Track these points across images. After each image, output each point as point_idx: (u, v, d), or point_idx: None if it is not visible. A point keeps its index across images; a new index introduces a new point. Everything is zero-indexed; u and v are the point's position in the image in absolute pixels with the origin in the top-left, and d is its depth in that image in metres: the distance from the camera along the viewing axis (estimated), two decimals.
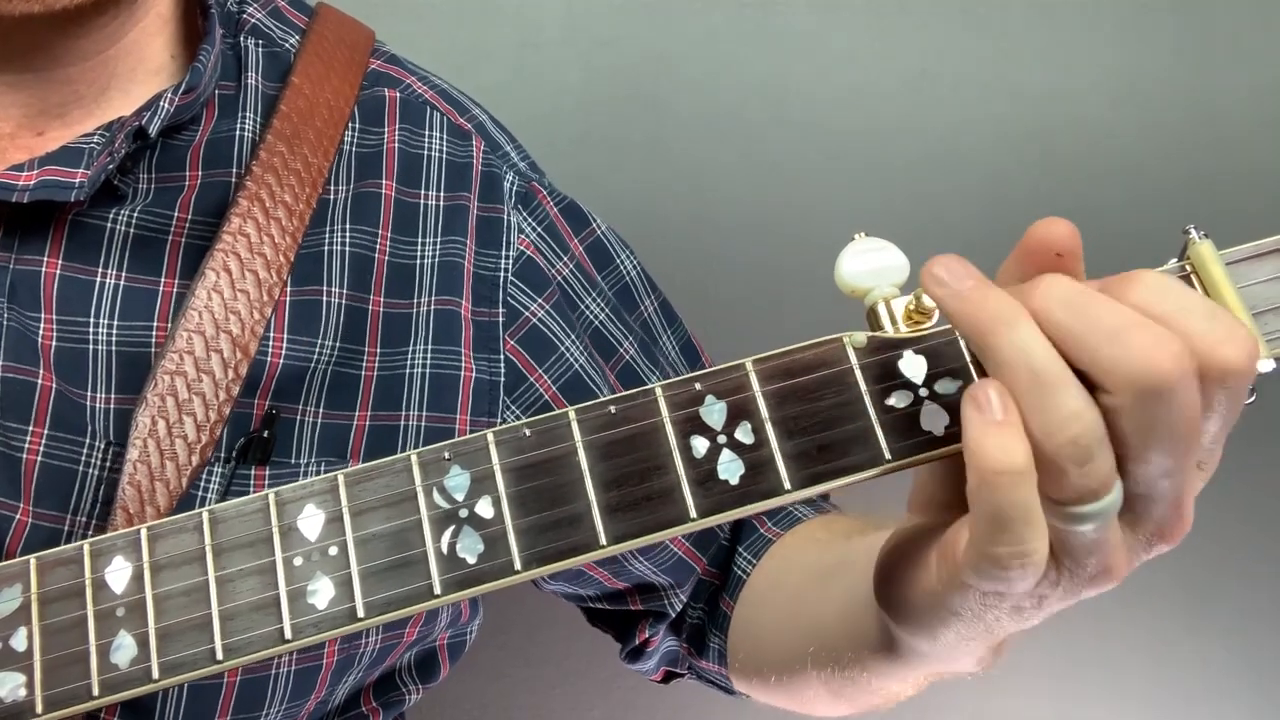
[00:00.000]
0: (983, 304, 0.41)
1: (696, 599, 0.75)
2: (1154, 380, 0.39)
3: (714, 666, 0.75)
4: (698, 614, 0.75)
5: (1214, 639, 1.14)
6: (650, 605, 0.75)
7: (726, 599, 0.73)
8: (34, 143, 0.62)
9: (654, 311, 0.76)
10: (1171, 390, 0.39)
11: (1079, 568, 0.43)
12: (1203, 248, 0.45)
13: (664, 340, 0.76)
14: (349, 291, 0.64)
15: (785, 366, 0.45)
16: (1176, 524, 0.43)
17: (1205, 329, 0.40)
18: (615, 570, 0.72)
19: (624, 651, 0.78)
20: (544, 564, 0.44)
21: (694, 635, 0.76)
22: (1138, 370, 0.39)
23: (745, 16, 1.08)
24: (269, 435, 0.60)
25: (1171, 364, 0.38)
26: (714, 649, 0.74)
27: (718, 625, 0.74)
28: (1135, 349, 0.39)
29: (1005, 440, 0.40)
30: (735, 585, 0.73)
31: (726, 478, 0.44)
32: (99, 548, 0.45)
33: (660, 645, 0.76)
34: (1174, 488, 0.41)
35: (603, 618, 0.79)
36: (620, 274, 0.75)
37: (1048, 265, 0.43)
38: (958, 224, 1.08)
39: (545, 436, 0.45)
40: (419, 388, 0.65)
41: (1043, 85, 1.09)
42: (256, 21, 0.69)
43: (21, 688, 0.44)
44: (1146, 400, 0.39)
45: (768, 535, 0.73)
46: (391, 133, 0.68)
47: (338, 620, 0.44)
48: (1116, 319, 0.39)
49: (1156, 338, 0.39)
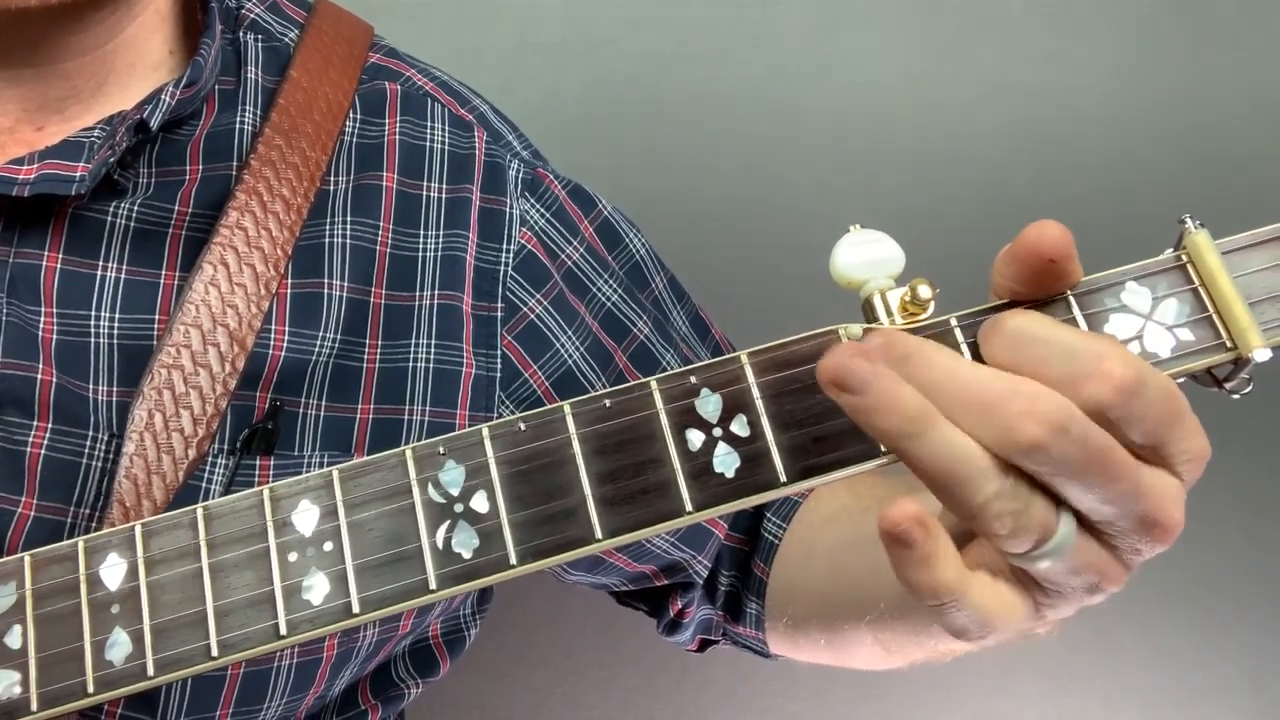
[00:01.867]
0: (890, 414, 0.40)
1: (728, 566, 0.75)
2: (1026, 448, 0.40)
3: (750, 631, 0.75)
4: (730, 580, 0.75)
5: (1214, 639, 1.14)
6: (676, 579, 0.75)
7: (759, 563, 0.73)
8: (33, 137, 0.62)
9: (664, 288, 0.76)
10: (1048, 451, 0.40)
11: (1066, 588, 0.43)
12: (1198, 237, 0.44)
13: (675, 315, 0.76)
14: (350, 284, 0.64)
15: (781, 359, 0.45)
16: (1156, 530, 0.42)
17: (1065, 372, 0.40)
18: (635, 553, 0.72)
19: (660, 625, 0.78)
20: (539, 558, 0.44)
21: (729, 601, 0.76)
22: (1009, 443, 0.40)
23: (745, 16, 1.08)
24: (273, 426, 0.60)
25: (1040, 431, 0.39)
26: (751, 614, 0.74)
27: (753, 590, 0.74)
28: (1000, 424, 0.40)
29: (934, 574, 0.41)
30: (767, 550, 0.73)
31: (722, 471, 0.44)
32: (93, 544, 0.45)
33: (695, 615, 0.77)
34: (1126, 505, 0.41)
35: (633, 595, 0.79)
36: (630, 253, 0.75)
37: (1038, 269, 0.43)
38: (956, 215, 1.08)
39: (540, 430, 0.45)
40: (422, 382, 0.65)
41: (1042, 85, 1.09)
42: (255, 16, 0.69)
43: (16, 685, 0.44)
44: (1033, 462, 0.40)
45: (795, 498, 0.73)
46: (393, 125, 0.68)
47: (333, 616, 0.44)
48: (984, 394, 0.40)
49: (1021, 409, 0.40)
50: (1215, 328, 0.44)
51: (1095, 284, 0.45)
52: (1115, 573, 0.43)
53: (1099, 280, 0.45)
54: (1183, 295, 0.45)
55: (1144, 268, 0.45)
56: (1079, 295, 0.45)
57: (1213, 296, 0.44)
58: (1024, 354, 0.41)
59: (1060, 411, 0.40)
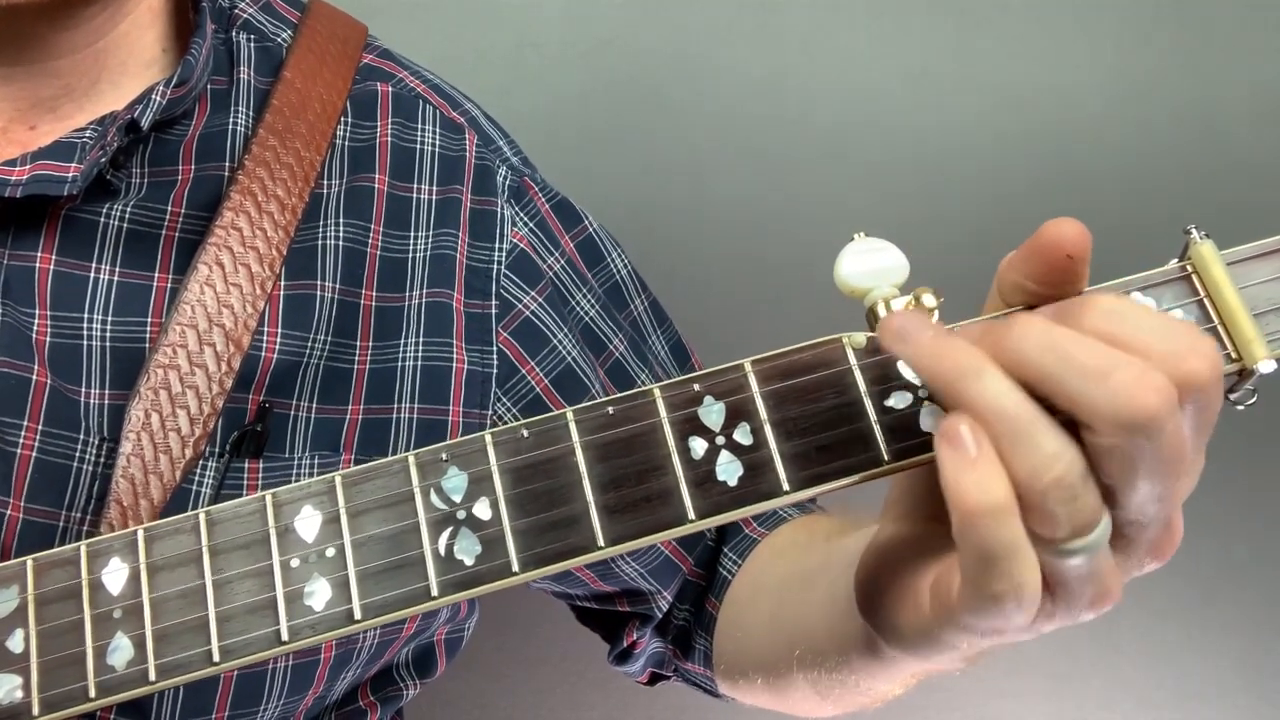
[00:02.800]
0: (947, 357, 0.40)
1: (682, 600, 0.75)
2: (1142, 419, 0.38)
3: (699, 669, 0.74)
4: (684, 615, 0.75)
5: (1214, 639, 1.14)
6: (637, 608, 0.74)
7: (712, 599, 0.73)
8: (26, 137, 0.62)
9: (644, 311, 0.76)
10: (1160, 424, 0.38)
11: (1075, 597, 0.42)
12: (1204, 248, 0.44)
13: (654, 340, 0.76)
14: (341, 286, 0.64)
15: (784, 367, 0.45)
16: (1167, 543, 0.43)
17: (1169, 348, 0.39)
18: (602, 573, 0.72)
19: (611, 654, 0.78)
20: (542, 565, 0.44)
21: (680, 637, 0.75)
22: (1123, 410, 0.38)
23: (745, 16, 1.08)
24: (263, 429, 0.60)
25: (1157, 400, 0.38)
26: (699, 650, 0.74)
27: (703, 626, 0.73)
28: (1119, 389, 0.38)
29: (982, 478, 0.39)
30: (721, 586, 0.73)
31: (725, 479, 0.44)
32: (96, 549, 0.45)
33: (647, 647, 0.76)
34: (1163, 509, 0.41)
35: (592, 617, 0.79)
36: (611, 272, 0.75)
37: (1056, 265, 0.43)
38: (958, 224, 1.08)
39: (543, 438, 0.45)
40: (410, 380, 0.65)
41: (1043, 85, 1.09)
42: (248, 16, 0.69)
43: (18, 689, 0.44)
44: (1134, 437, 0.39)
45: (753, 535, 0.73)
46: (384, 127, 0.68)
47: (335, 622, 0.44)
48: (1095, 359, 0.39)
49: (1139, 375, 0.38)
50: (1220, 339, 0.44)
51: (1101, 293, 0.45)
52: (1116, 588, 0.43)
53: (1105, 290, 0.45)
54: (1188, 306, 0.45)
55: (1149, 278, 0.45)
56: None
57: (1218, 307, 0.44)
58: (1123, 328, 0.40)
59: (1171, 389, 0.38)
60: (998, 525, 0.39)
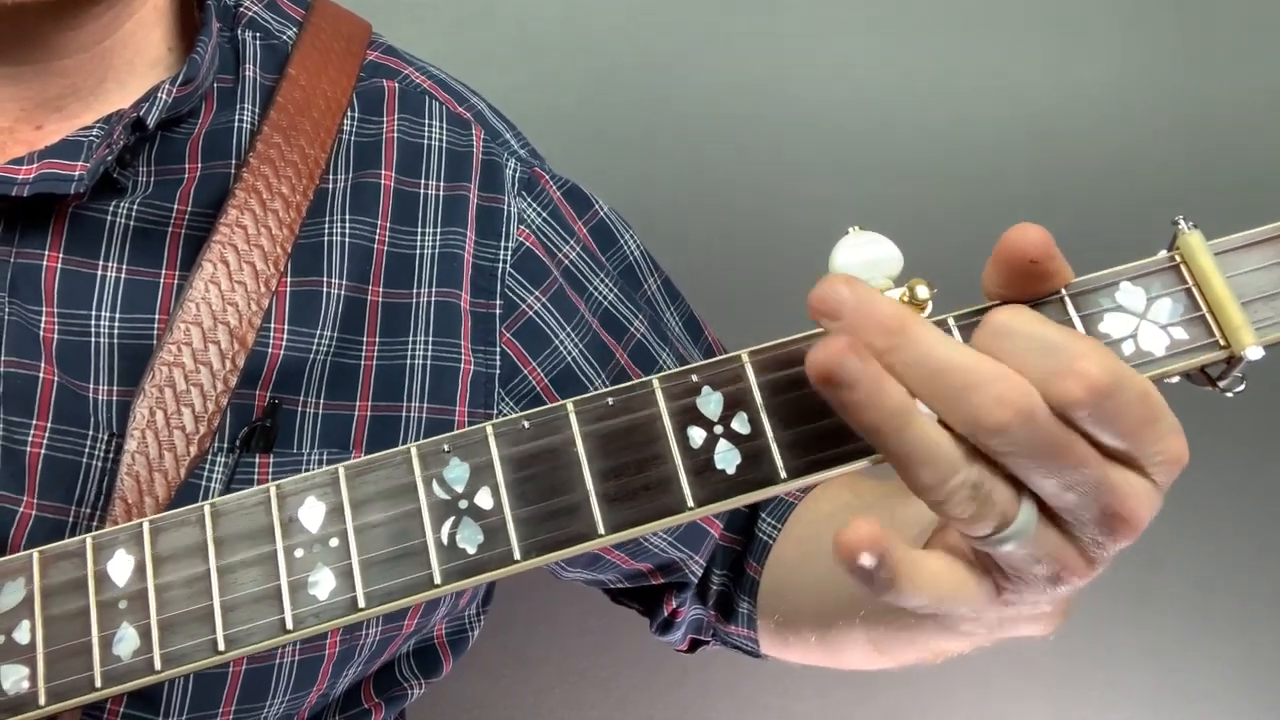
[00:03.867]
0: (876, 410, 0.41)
1: (721, 566, 0.75)
2: (993, 429, 0.40)
3: (742, 630, 0.75)
4: (723, 580, 0.75)
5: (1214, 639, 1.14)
6: (671, 578, 0.75)
7: (752, 563, 0.73)
8: (33, 136, 0.63)
9: (657, 289, 0.77)
10: (1016, 431, 0.40)
11: (1029, 576, 0.44)
12: (1191, 238, 0.45)
13: (668, 316, 0.77)
14: (348, 282, 0.64)
15: (781, 357, 0.45)
16: (1119, 523, 0.43)
17: (1042, 366, 0.41)
18: (632, 551, 0.72)
19: (653, 625, 0.79)
20: (543, 553, 0.44)
21: (721, 601, 0.76)
22: (977, 424, 0.40)
23: (745, 16, 1.08)
24: (272, 424, 0.61)
25: (1004, 414, 0.40)
26: (742, 614, 0.74)
27: (745, 589, 0.74)
28: (973, 404, 0.40)
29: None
30: (761, 550, 0.73)
31: (723, 467, 0.44)
32: (101, 541, 0.46)
33: (687, 615, 0.77)
34: (1086, 496, 0.42)
35: (627, 595, 0.79)
36: (624, 253, 0.75)
37: (1024, 272, 0.44)
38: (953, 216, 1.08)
39: (543, 428, 0.45)
40: (420, 379, 0.65)
41: (1037, 83, 1.10)
42: (254, 14, 0.69)
43: (24, 679, 0.44)
44: (998, 441, 0.41)
45: (789, 499, 0.73)
46: (391, 122, 0.69)
47: (338, 610, 0.44)
48: (958, 377, 0.41)
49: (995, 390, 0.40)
50: (1208, 326, 0.45)
51: (1090, 284, 0.45)
52: (1077, 564, 0.44)
53: (1094, 280, 0.46)
54: (1176, 295, 0.45)
55: (1138, 268, 0.46)
56: (1074, 295, 0.45)
57: (1206, 296, 0.45)
58: (1004, 346, 0.42)
59: (1027, 397, 0.40)
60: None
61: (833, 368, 0.40)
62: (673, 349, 0.74)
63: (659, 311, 0.76)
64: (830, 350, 0.40)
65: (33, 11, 0.59)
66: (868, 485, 0.71)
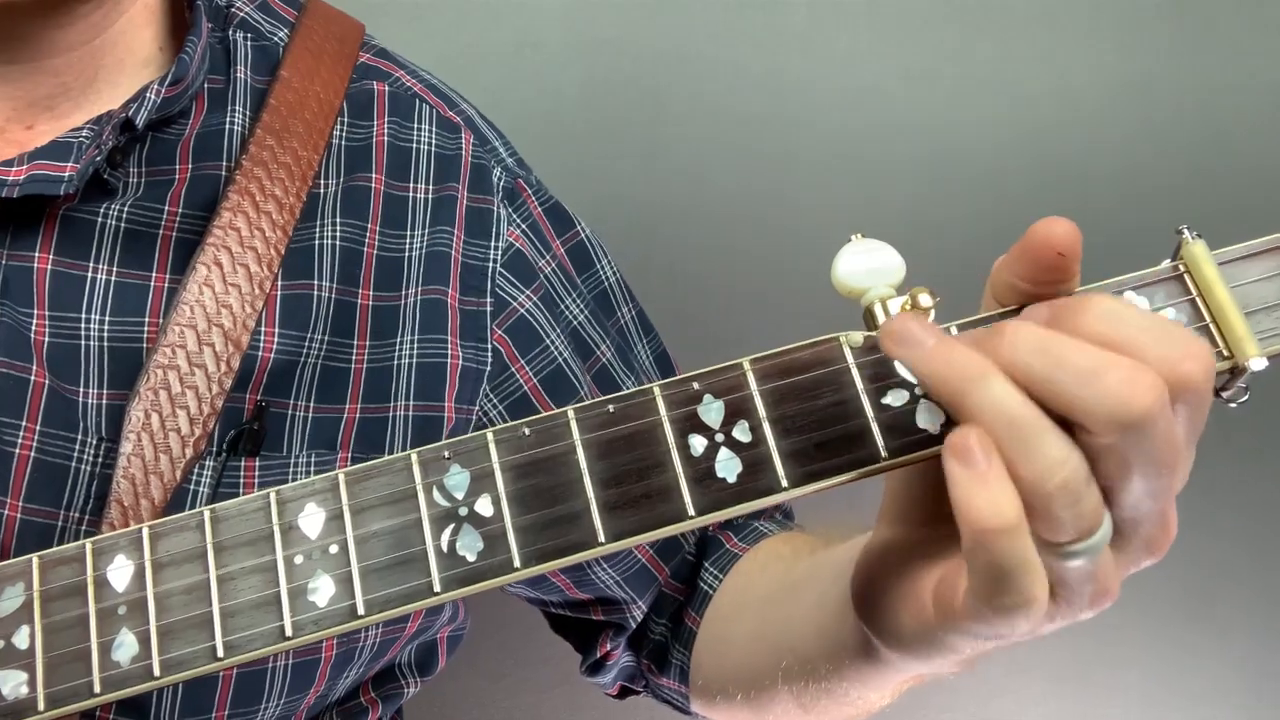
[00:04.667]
0: (950, 363, 0.41)
1: (659, 613, 0.75)
2: (1134, 417, 0.39)
3: (674, 684, 0.74)
4: (661, 630, 0.75)
5: (1214, 639, 1.14)
6: (611, 617, 0.74)
7: (692, 614, 0.73)
8: (23, 137, 0.63)
9: (631, 319, 0.76)
10: (1153, 422, 0.39)
11: (1076, 597, 0.43)
12: (1196, 248, 0.45)
13: (639, 349, 0.76)
14: (338, 285, 0.64)
15: (782, 365, 0.45)
16: (1163, 538, 0.43)
17: (1163, 350, 0.40)
18: (577, 579, 0.72)
19: (584, 664, 0.78)
20: (543, 561, 0.44)
21: (656, 652, 0.75)
22: (1117, 410, 0.39)
23: (745, 16, 1.08)
24: (259, 427, 0.61)
25: (1150, 398, 0.39)
26: (676, 665, 0.74)
27: (682, 641, 0.73)
28: (1111, 389, 0.39)
29: (994, 495, 0.39)
30: (701, 600, 0.73)
31: (724, 476, 0.44)
32: (101, 546, 0.45)
33: (619, 660, 0.76)
34: (1158, 505, 0.42)
35: (566, 626, 0.78)
36: (599, 279, 0.75)
37: (1047, 264, 0.43)
38: (956, 224, 1.08)
39: (544, 435, 0.45)
40: (406, 378, 0.65)
41: (1042, 85, 1.09)
42: (245, 15, 0.69)
43: (23, 685, 0.44)
44: (1129, 435, 0.39)
45: (734, 550, 0.73)
46: (380, 126, 0.69)
47: (338, 618, 0.44)
48: (1087, 360, 0.39)
49: (1130, 374, 0.39)
50: (1212, 337, 0.45)
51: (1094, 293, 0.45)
52: (1115, 586, 0.43)
53: (1098, 289, 0.45)
54: (1180, 305, 0.45)
55: (1142, 278, 0.46)
56: None
57: (1209, 306, 0.45)
58: (1120, 331, 0.40)
59: (1161, 388, 0.39)
60: (1009, 543, 0.39)
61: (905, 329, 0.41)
62: (638, 381, 0.74)
63: (630, 343, 0.76)
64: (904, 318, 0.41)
65: (22, 10, 0.59)
66: (802, 537, 0.71)
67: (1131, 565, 0.44)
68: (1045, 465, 0.39)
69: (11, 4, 0.57)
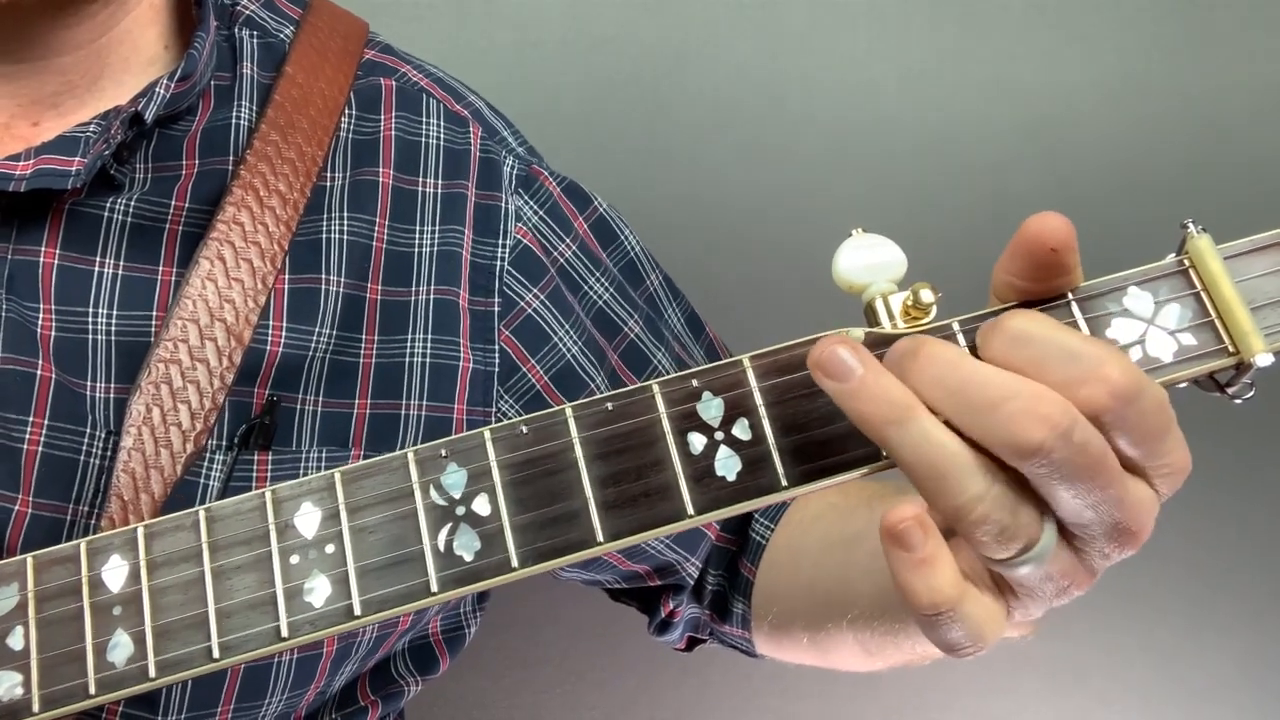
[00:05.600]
0: (870, 400, 0.41)
1: (716, 566, 0.76)
2: (1030, 448, 0.39)
3: (737, 631, 0.75)
4: (718, 580, 0.76)
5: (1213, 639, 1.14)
6: (668, 580, 0.75)
7: (746, 563, 0.74)
8: (30, 133, 0.63)
9: (659, 285, 0.77)
10: (1051, 450, 0.39)
11: (1038, 593, 0.44)
12: (1201, 242, 0.44)
13: (669, 313, 0.77)
14: (347, 279, 0.64)
15: (783, 362, 0.45)
16: (1127, 536, 0.43)
17: (1066, 374, 0.40)
18: (629, 553, 0.72)
19: (651, 625, 0.79)
20: (541, 561, 0.44)
21: (716, 601, 0.76)
22: (1012, 441, 0.40)
23: (745, 16, 1.08)
24: (270, 421, 0.60)
25: (1043, 431, 0.39)
26: (737, 614, 0.74)
27: (739, 590, 0.74)
28: (1003, 421, 0.40)
29: (931, 582, 0.41)
30: (755, 550, 0.73)
31: (724, 474, 0.44)
32: (96, 545, 0.45)
33: (684, 614, 0.77)
34: (1106, 511, 0.42)
35: (626, 594, 0.79)
36: (625, 249, 0.75)
37: (1042, 260, 0.43)
38: (957, 219, 1.08)
39: (542, 433, 0.45)
40: (419, 377, 0.65)
41: (1043, 85, 1.09)
42: (251, 13, 0.69)
43: (18, 686, 0.44)
44: (1034, 463, 0.40)
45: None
46: (388, 120, 0.69)
47: (334, 618, 0.44)
48: (985, 392, 0.40)
49: (1026, 405, 0.40)
50: (1217, 333, 0.44)
51: (1097, 289, 0.45)
52: (1082, 578, 0.44)
53: (1101, 285, 0.45)
54: (1185, 300, 0.45)
55: (1146, 272, 0.45)
56: (1081, 300, 0.45)
57: (1215, 301, 0.44)
58: (1024, 354, 0.41)
59: (1065, 414, 0.40)
60: (951, 618, 0.42)
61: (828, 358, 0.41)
62: (669, 349, 0.74)
63: (660, 308, 0.76)
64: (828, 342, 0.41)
65: (28, 9, 0.59)
66: (855, 486, 0.70)
67: (1102, 559, 0.44)
68: (961, 503, 0.40)
69: (17, 2, 0.57)
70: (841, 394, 0.41)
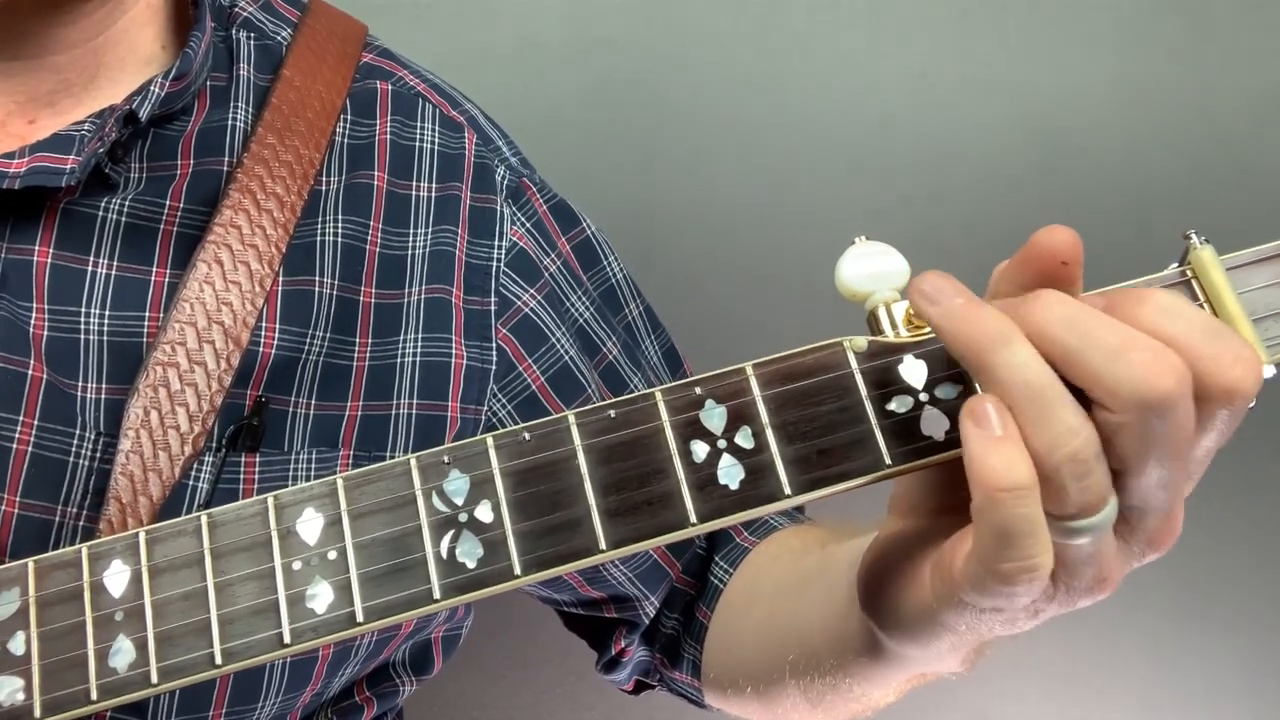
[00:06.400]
0: (976, 323, 0.41)
1: (672, 608, 0.75)
2: (1155, 398, 0.39)
3: (686, 678, 0.74)
4: (673, 624, 0.75)
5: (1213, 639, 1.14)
6: (624, 614, 0.74)
7: (703, 608, 0.73)
8: (25, 131, 0.62)
9: (638, 315, 0.76)
10: (1173, 407, 0.39)
11: (1075, 579, 0.43)
12: (1204, 253, 0.44)
13: (647, 344, 0.76)
14: (340, 282, 0.64)
15: (785, 371, 0.45)
16: (1167, 533, 0.43)
17: (1214, 350, 0.40)
18: (590, 577, 0.72)
19: (599, 661, 0.78)
20: (543, 568, 0.44)
21: (668, 646, 0.75)
22: (1139, 388, 0.39)
23: (745, 16, 1.08)
24: (259, 422, 0.60)
25: (1173, 382, 0.39)
26: (688, 659, 0.74)
27: (693, 635, 0.73)
28: (1137, 367, 0.39)
29: (1008, 456, 0.40)
30: (712, 595, 0.73)
31: (726, 482, 0.44)
32: (97, 551, 0.45)
33: (634, 656, 0.76)
34: (1168, 499, 0.42)
35: (580, 624, 0.78)
36: (606, 275, 0.75)
37: (1050, 272, 0.43)
38: (958, 226, 1.08)
39: (545, 440, 0.45)
40: (409, 376, 0.65)
41: (1043, 85, 1.09)
42: (248, 15, 0.69)
43: (20, 692, 0.44)
44: (1147, 417, 0.39)
45: (744, 544, 0.73)
46: (383, 124, 0.69)
47: (336, 625, 0.44)
48: (1117, 337, 0.40)
49: (1157, 355, 0.39)
50: None
51: None
52: (1115, 574, 0.44)
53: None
54: None
55: (1149, 282, 0.46)
56: None
57: (1217, 312, 0.44)
58: (1172, 325, 0.41)
59: (1185, 374, 0.39)
60: (1019, 504, 0.40)
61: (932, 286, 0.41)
62: (645, 377, 0.74)
63: (638, 340, 0.76)
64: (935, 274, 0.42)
65: (25, 7, 0.59)
66: (814, 532, 0.71)
67: (1134, 558, 0.44)
68: (1058, 433, 0.40)
69: (15, 1, 0.57)
70: (945, 316, 0.41)
